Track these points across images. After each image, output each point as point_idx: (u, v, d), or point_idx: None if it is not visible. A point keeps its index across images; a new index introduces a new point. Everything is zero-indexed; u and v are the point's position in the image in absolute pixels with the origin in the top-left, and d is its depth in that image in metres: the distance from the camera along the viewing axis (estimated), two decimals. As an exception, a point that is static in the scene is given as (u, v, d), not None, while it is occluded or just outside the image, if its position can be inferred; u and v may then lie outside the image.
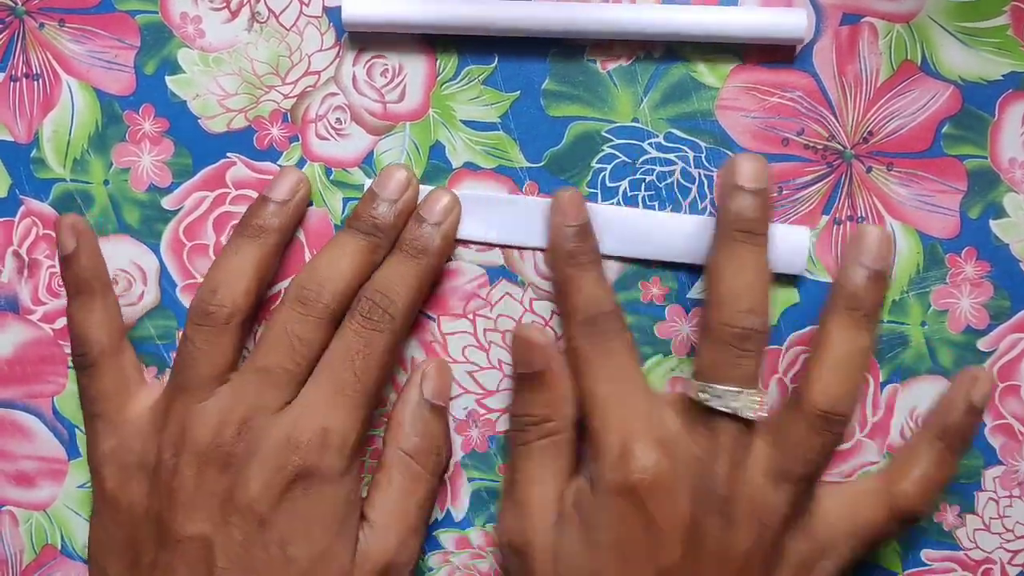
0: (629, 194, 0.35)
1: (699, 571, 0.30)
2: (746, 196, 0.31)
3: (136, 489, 0.32)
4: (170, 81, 0.36)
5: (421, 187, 0.35)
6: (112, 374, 0.34)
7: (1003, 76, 0.35)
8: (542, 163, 0.35)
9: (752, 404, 0.31)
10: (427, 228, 0.33)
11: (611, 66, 0.35)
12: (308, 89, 0.36)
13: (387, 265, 0.33)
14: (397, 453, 0.33)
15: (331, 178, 0.36)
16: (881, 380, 0.35)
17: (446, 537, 0.36)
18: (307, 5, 0.36)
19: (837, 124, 0.35)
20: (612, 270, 0.35)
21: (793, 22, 0.34)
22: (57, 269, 0.36)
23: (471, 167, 0.35)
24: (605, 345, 0.32)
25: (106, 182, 0.36)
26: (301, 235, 0.36)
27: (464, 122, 0.36)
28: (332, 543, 0.31)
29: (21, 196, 0.36)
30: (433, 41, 0.35)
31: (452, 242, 0.35)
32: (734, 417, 0.31)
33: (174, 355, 0.33)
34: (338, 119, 0.36)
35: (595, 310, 0.32)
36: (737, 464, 0.31)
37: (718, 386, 0.31)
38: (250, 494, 0.31)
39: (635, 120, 0.35)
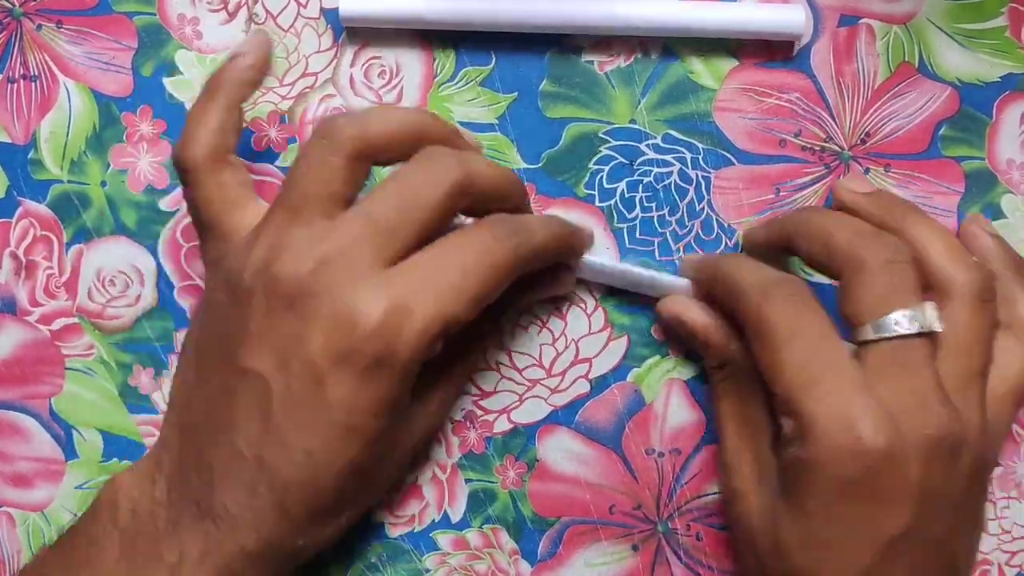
0: (627, 195, 0.35)
1: (931, 526, 0.28)
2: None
3: (225, 304, 0.30)
4: (168, 82, 0.36)
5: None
6: (221, 182, 0.31)
7: (1000, 77, 0.35)
8: (540, 164, 0.35)
9: (935, 314, 0.29)
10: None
11: (609, 67, 0.35)
12: (306, 90, 0.36)
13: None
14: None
15: (328, 179, 0.36)
16: (879, 381, 0.35)
17: (443, 538, 0.35)
18: (304, 7, 0.36)
19: (835, 125, 0.35)
20: (609, 271, 0.35)
21: (791, 18, 0.34)
22: (55, 270, 0.36)
23: (468, 168, 0.35)
24: (793, 306, 0.29)
25: (103, 183, 0.36)
26: (298, 236, 0.36)
27: (461, 123, 0.35)
28: (390, 425, 0.29)
29: (18, 197, 0.36)
30: (430, 42, 0.35)
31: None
32: (924, 344, 0.28)
33: (171, 357, 0.33)
34: (335, 120, 0.36)
35: (772, 276, 0.30)
36: (945, 396, 0.28)
37: (894, 312, 0.28)
38: (310, 350, 0.28)
39: (632, 121, 0.35)
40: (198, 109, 0.32)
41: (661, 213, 0.35)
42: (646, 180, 0.35)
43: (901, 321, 0.28)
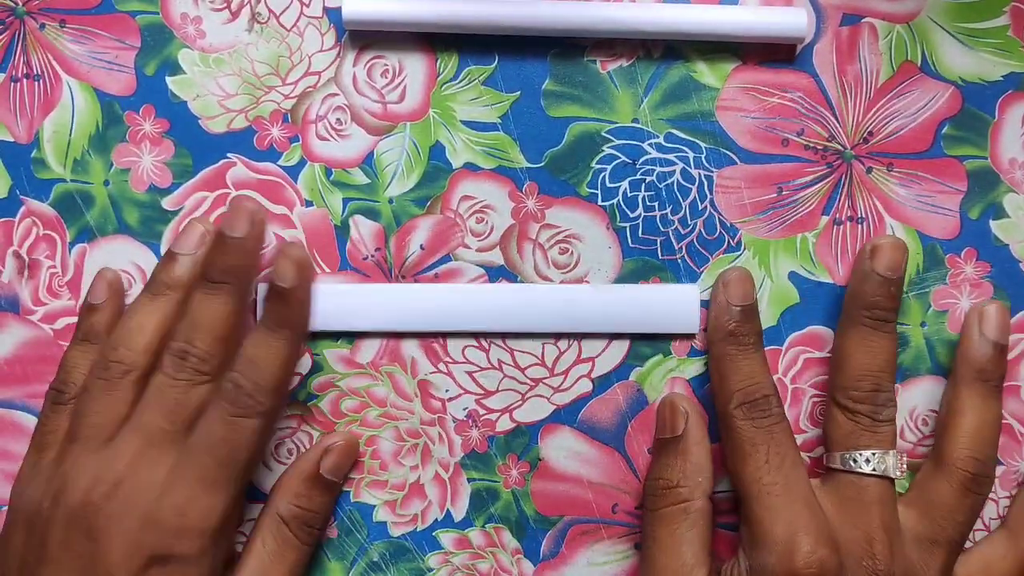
0: (629, 195, 0.35)
1: None
2: (883, 284, 0.33)
3: (20, 533, 0.32)
4: (170, 82, 0.36)
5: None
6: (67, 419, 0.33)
7: (1003, 77, 0.35)
8: (542, 163, 0.35)
9: (897, 463, 0.32)
10: (286, 296, 0.32)
11: (611, 66, 0.35)
12: (308, 90, 0.36)
13: (252, 342, 0.32)
14: (274, 517, 0.33)
15: (331, 178, 0.36)
16: (881, 381, 0.35)
17: (446, 537, 0.36)
18: (307, 6, 0.36)
19: (837, 125, 0.35)
20: (612, 269, 0.35)
21: (793, 21, 0.34)
22: (58, 269, 0.36)
23: (471, 167, 0.35)
24: (768, 429, 0.32)
25: (106, 182, 0.36)
26: (302, 236, 0.36)
27: (464, 122, 0.36)
28: None
29: (21, 196, 0.36)
30: (433, 41, 0.36)
31: (310, 302, 0.33)
32: (881, 486, 0.32)
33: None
34: (338, 119, 0.36)
35: (757, 392, 0.32)
36: (893, 539, 0.31)
37: (863, 452, 0.32)
38: (109, 566, 0.30)
39: (635, 120, 0.35)
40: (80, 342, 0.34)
41: (664, 212, 0.35)
42: (648, 179, 0.35)
43: (868, 461, 0.32)
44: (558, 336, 0.35)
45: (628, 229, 0.35)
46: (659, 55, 0.35)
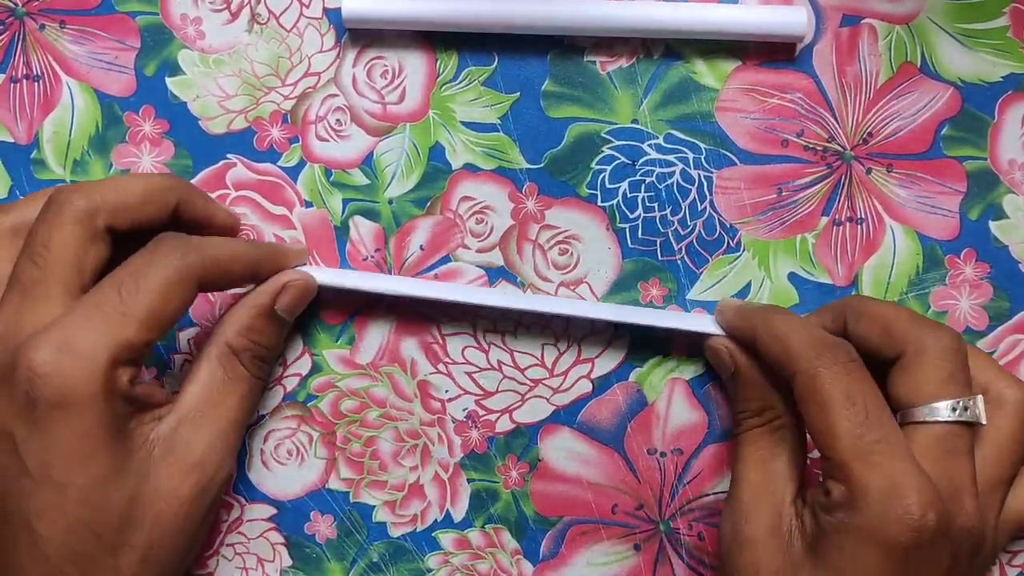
0: (629, 195, 0.35)
1: None
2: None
3: None
4: (170, 82, 0.36)
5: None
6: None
7: (1003, 78, 0.35)
8: (542, 164, 0.35)
9: (984, 409, 0.31)
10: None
11: (611, 67, 0.35)
12: (308, 90, 0.36)
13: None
14: (222, 347, 0.32)
15: (331, 179, 0.36)
16: (881, 381, 0.35)
17: (445, 538, 0.36)
18: (307, 6, 0.36)
19: (837, 125, 0.35)
20: (612, 270, 0.35)
21: (793, 19, 0.34)
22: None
23: (471, 168, 0.35)
24: (860, 378, 0.29)
25: (106, 183, 0.36)
26: (301, 236, 0.36)
27: (464, 123, 0.36)
28: (106, 468, 0.29)
29: (21, 197, 0.36)
30: (433, 42, 0.36)
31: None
32: (968, 435, 0.30)
33: (175, 357, 0.33)
34: (338, 120, 0.36)
35: (828, 339, 0.30)
36: (977, 490, 0.30)
37: (955, 399, 0.30)
38: (2, 419, 0.28)
39: (635, 121, 0.35)
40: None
41: (663, 213, 0.35)
42: (648, 180, 0.35)
43: (954, 409, 0.29)
44: (558, 337, 0.35)
45: (628, 230, 0.35)
46: (659, 56, 0.35)
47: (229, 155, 0.36)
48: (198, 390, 0.32)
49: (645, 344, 0.35)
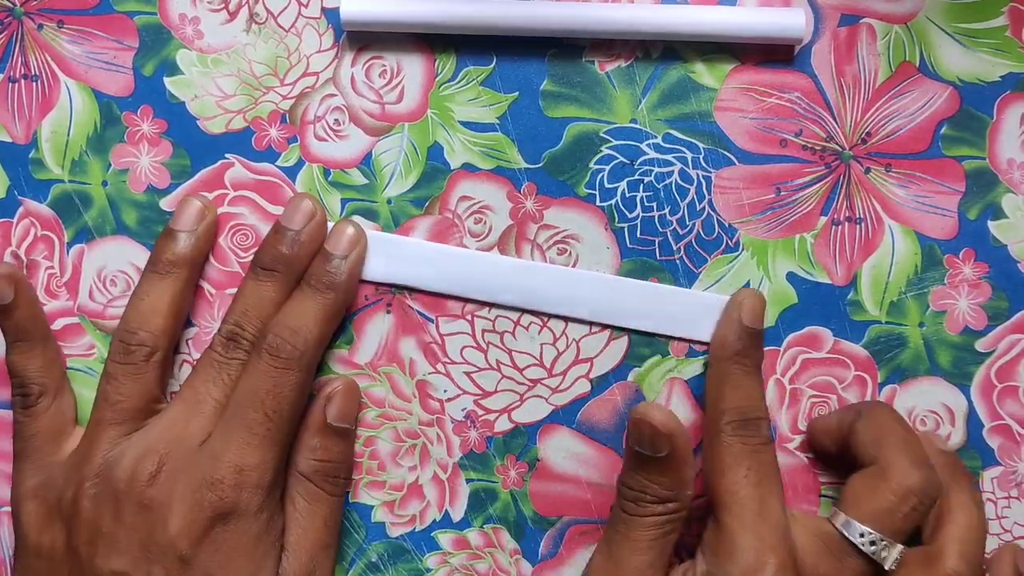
0: (627, 195, 0.35)
1: None
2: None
3: (58, 527, 0.32)
4: (168, 82, 0.36)
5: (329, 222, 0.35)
6: (51, 415, 0.34)
7: (1001, 77, 0.35)
8: (540, 164, 0.35)
9: (897, 558, 0.31)
10: (335, 262, 0.34)
11: (609, 67, 0.35)
12: (306, 90, 0.36)
13: (294, 300, 0.33)
14: (297, 477, 0.34)
15: (329, 179, 0.36)
16: (879, 381, 0.35)
17: (444, 538, 0.36)
18: (305, 6, 0.36)
19: (835, 125, 0.35)
20: (610, 269, 0.35)
21: (791, 21, 0.34)
22: (56, 270, 0.36)
23: (469, 168, 0.35)
24: (755, 448, 0.32)
25: (104, 183, 0.36)
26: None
27: (462, 123, 0.36)
28: (255, 574, 0.32)
29: (19, 197, 0.36)
30: (431, 42, 0.36)
31: (358, 275, 0.35)
32: (866, 566, 0.31)
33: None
34: (336, 120, 0.36)
35: (752, 413, 0.32)
36: None
37: (877, 533, 0.30)
38: (170, 532, 0.31)
39: (633, 121, 0.35)
40: (25, 346, 0.35)
41: (662, 213, 0.35)
42: (647, 180, 0.35)
43: (869, 540, 0.30)
44: (556, 337, 0.35)
45: (626, 229, 0.35)
46: (657, 56, 0.35)
47: (227, 155, 0.36)
48: (292, 527, 0.33)
49: (644, 344, 0.35)
